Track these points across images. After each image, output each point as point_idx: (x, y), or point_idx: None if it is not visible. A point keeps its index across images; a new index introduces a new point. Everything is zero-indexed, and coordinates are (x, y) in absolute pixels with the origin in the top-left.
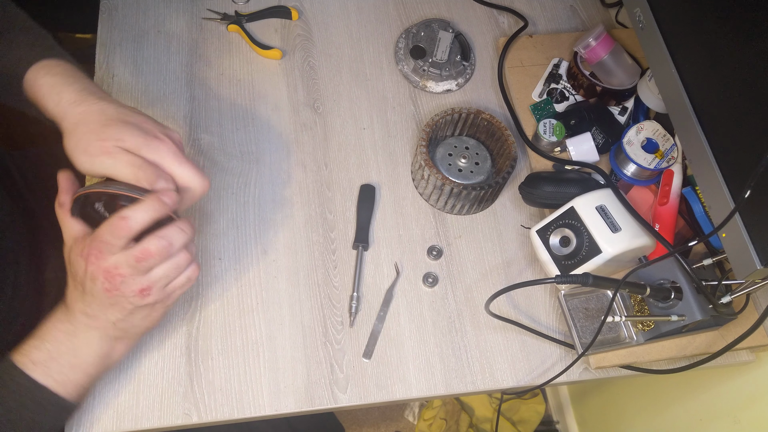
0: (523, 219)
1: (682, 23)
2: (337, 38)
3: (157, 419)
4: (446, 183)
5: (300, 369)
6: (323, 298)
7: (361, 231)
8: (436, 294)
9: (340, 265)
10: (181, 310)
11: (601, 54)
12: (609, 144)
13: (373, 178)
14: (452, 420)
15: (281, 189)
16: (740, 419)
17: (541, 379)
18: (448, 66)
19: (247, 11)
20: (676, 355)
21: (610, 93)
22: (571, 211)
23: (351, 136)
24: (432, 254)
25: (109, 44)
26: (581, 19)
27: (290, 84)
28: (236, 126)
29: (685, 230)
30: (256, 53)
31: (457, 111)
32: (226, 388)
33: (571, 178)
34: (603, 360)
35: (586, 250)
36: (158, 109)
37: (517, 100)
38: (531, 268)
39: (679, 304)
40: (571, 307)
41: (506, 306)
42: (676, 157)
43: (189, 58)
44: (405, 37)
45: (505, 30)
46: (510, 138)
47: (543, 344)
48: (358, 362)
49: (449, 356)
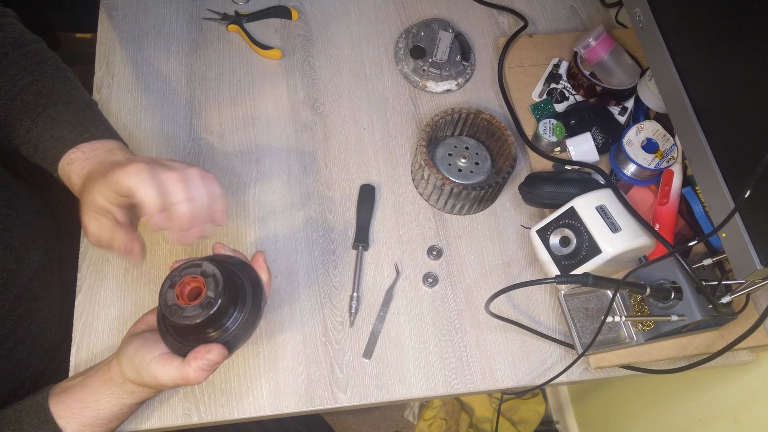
0: (523, 219)
1: (682, 23)
2: (337, 38)
3: (157, 419)
4: (446, 183)
5: (300, 369)
6: (323, 298)
7: (361, 231)
8: (436, 294)
9: (340, 265)
10: None
11: (601, 54)
12: (609, 144)
13: (373, 178)
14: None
15: (281, 189)
16: (740, 419)
17: (541, 379)
18: (448, 66)
19: (247, 11)
20: (676, 355)
21: (610, 93)
22: (571, 211)
23: (351, 136)
24: (432, 254)
25: (109, 44)
26: (581, 19)
27: (290, 84)
28: (236, 126)
29: (685, 230)
30: (256, 53)
31: (457, 111)
32: (226, 388)
33: (571, 178)
34: (603, 360)
35: (586, 250)
36: (158, 108)
37: (517, 100)
38: (531, 268)
39: (679, 304)
40: (571, 307)
41: (506, 306)
42: (676, 157)
43: (189, 58)
44: (405, 37)
45: (505, 30)
46: (510, 138)
47: (543, 344)
48: (358, 362)
49: (449, 356)
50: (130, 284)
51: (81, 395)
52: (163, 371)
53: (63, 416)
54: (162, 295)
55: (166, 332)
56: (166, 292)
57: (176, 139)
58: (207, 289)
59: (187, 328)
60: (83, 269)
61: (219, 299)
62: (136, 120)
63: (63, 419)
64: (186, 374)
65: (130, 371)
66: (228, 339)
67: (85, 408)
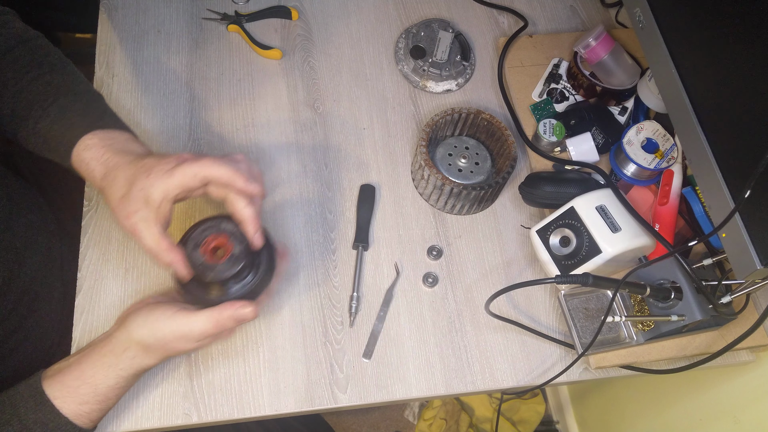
0: (523, 219)
1: (682, 23)
2: (337, 38)
3: (157, 419)
4: (446, 183)
5: (300, 369)
6: (323, 298)
7: (361, 231)
8: (436, 294)
9: (340, 265)
10: None
11: (601, 54)
12: (609, 144)
13: (373, 178)
14: (452, 420)
15: (281, 189)
16: (740, 419)
17: (541, 379)
18: (448, 66)
19: (247, 11)
20: (676, 355)
21: (610, 93)
22: (571, 211)
23: (351, 136)
24: (432, 254)
25: (109, 44)
26: (581, 19)
27: (290, 84)
28: (236, 126)
29: (685, 230)
30: (256, 53)
31: (457, 111)
32: (226, 388)
33: (571, 178)
34: (603, 360)
35: (586, 250)
36: (158, 108)
37: (517, 100)
38: (531, 268)
39: (679, 304)
40: (571, 307)
41: (506, 306)
42: (676, 157)
43: (189, 58)
44: (405, 37)
45: (505, 30)
46: (510, 138)
47: (543, 344)
48: (358, 362)
49: (449, 356)
50: (129, 284)
51: (77, 373)
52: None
53: (59, 396)
54: (189, 257)
55: (188, 291)
56: (191, 253)
57: (176, 139)
58: (233, 244)
59: (214, 285)
60: (83, 269)
61: (246, 253)
62: (136, 120)
63: (59, 399)
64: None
65: (143, 331)
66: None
67: (81, 385)
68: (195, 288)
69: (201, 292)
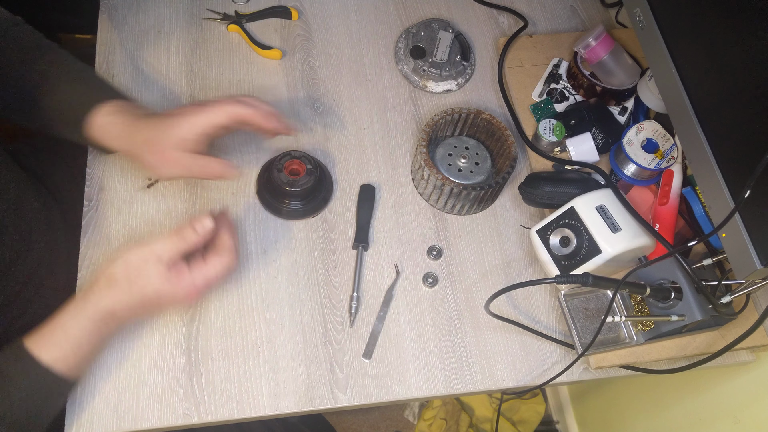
0: (523, 219)
1: (682, 23)
2: (337, 38)
3: (157, 419)
4: (446, 183)
5: (300, 369)
6: (323, 298)
7: (361, 231)
8: (436, 294)
9: (340, 265)
10: (181, 311)
11: (601, 54)
12: (609, 144)
13: (373, 178)
14: (452, 420)
15: None
16: (740, 419)
17: (541, 379)
18: (448, 66)
19: (247, 11)
20: (676, 355)
21: (610, 93)
22: (571, 211)
23: (351, 136)
24: (432, 254)
25: (109, 44)
26: (581, 19)
27: (290, 84)
28: None
29: (685, 230)
30: (256, 53)
31: (457, 111)
32: (226, 388)
33: (571, 178)
34: (603, 360)
35: (586, 250)
36: (158, 108)
37: (517, 100)
38: (531, 268)
39: (679, 304)
40: (571, 307)
41: (506, 306)
42: (676, 157)
43: (189, 58)
44: (405, 37)
45: (505, 30)
46: (510, 138)
47: (543, 344)
48: (358, 362)
49: (449, 356)
50: None
51: (52, 323)
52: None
53: (36, 347)
54: (276, 178)
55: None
56: (278, 175)
57: None
58: (304, 164)
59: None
60: (83, 269)
61: (315, 168)
62: None
63: (36, 349)
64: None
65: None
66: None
67: (55, 330)
68: (273, 200)
69: (278, 203)
